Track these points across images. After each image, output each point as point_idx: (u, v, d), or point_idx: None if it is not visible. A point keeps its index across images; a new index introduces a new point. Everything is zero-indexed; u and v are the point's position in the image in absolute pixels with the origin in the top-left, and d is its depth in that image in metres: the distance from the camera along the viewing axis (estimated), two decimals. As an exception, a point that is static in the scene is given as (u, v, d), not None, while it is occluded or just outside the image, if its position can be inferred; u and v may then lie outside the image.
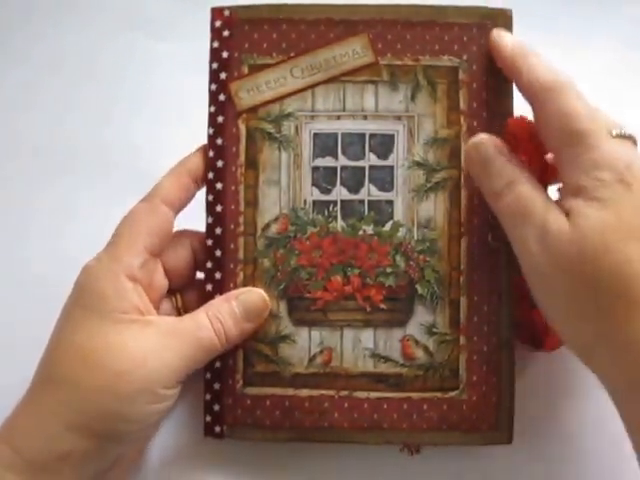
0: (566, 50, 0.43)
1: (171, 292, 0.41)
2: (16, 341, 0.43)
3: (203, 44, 0.40)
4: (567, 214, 0.34)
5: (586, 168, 0.34)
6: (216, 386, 0.39)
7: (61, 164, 0.47)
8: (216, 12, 0.40)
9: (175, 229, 0.40)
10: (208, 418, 0.39)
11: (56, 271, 0.41)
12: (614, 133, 0.34)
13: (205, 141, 0.40)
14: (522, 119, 0.38)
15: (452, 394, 0.38)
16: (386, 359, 0.39)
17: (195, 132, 0.40)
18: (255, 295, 0.39)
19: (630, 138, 0.34)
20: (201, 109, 0.40)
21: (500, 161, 0.36)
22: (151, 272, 0.38)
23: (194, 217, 0.40)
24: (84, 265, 0.37)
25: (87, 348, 0.35)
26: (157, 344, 0.36)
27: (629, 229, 0.32)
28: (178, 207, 0.39)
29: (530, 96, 0.36)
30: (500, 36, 0.38)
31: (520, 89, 0.37)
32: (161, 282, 0.39)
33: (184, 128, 0.44)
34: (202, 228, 0.40)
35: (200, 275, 0.41)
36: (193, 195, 0.40)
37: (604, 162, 0.33)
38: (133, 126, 0.47)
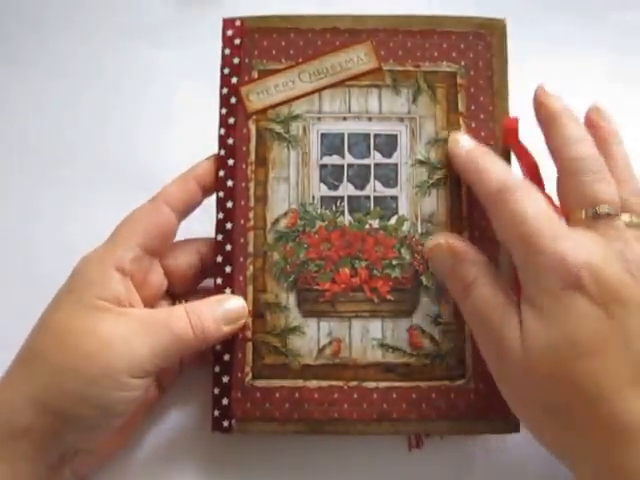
0: (558, 57, 0.46)
1: (177, 297, 0.41)
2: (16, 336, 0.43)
3: (204, 51, 0.42)
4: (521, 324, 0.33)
5: (531, 274, 0.32)
6: (225, 379, 0.39)
7: (64, 168, 0.48)
8: (227, 22, 0.42)
9: (180, 232, 0.41)
10: (216, 412, 0.39)
11: (59, 269, 0.41)
12: (586, 214, 0.33)
13: (207, 145, 0.41)
14: (513, 120, 0.40)
15: (459, 382, 0.39)
16: (394, 349, 0.39)
17: (195, 136, 0.41)
18: (234, 300, 0.39)
19: (608, 216, 0.33)
20: (201, 114, 0.42)
21: (458, 265, 0.36)
22: (145, 268, 0.39)
23: (197, 219, 0.42)
24: (82, 256, 0.38)
25: (64, 328, 0.36)
26: (127, 331, 0.36)
27: (577, 345, 0.31)
28: (182, 210, 0.40)
29: (483, 201, 0.36)
30: (455, 141, 0.39)
31: (476, 194, 0.37)
32: (157, 281, 0.40)
33: (184, 133, 0.46)
34: (205, 233, 0.41)
35: (207, 283, 0.42)
36: (199, 201, 0.41)
37: (550, 266, 0.31)
38: (134, 131, 0.49)
